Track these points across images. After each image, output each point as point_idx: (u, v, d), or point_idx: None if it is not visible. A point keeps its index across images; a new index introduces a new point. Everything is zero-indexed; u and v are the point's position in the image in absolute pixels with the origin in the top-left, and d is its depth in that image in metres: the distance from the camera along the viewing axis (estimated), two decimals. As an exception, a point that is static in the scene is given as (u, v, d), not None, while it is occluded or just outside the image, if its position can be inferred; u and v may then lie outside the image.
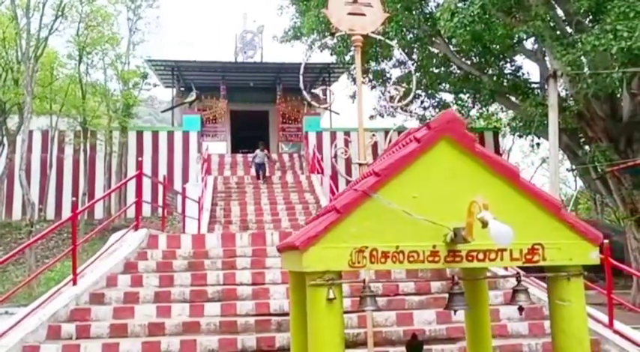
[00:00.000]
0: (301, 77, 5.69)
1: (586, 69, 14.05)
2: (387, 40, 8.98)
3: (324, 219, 2.46)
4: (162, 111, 26.82)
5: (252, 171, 19.42)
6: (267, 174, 19.35)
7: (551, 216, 2.65)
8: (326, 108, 24.44)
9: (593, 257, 2.67)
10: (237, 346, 6.35)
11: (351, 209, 2.49)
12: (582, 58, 12.98)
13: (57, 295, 7.19)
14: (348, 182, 5.57)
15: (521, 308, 2.75)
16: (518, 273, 2.64)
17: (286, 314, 6.84)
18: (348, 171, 20.59)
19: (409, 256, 2.50)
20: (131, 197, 17.90)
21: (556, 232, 2.66)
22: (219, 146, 23.99)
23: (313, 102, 8.68)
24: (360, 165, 4.84)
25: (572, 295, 2.66)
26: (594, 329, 6.57)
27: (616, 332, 6.47)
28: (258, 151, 19.21)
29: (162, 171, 21.02)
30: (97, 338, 6.47)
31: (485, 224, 2.24)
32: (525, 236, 2.62)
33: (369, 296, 2.47)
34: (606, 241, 6.38)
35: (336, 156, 16.69)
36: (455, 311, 2.71)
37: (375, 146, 10.53)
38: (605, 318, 6.72)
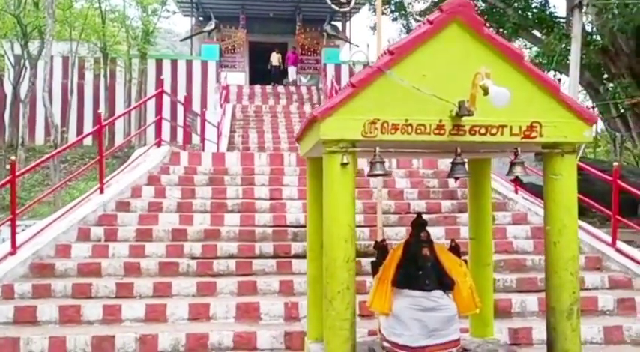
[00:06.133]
0: None
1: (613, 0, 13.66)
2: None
3: (341, 93, 2.68)
4: (182, 40, 26.71)
5: None
6: None
7: (550, 96, 2.83)
8: (345, 40, 24.12)
9: (586, 135, 2.88)
10: (255, 251, 6.73)
11: (366, 84, 2.69)
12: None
13: (85, 202, 7.59)
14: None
15: (516, 179, 2.96)
16: (516, 148, 2.85)
17: (302, 226, 7.18)
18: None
19: (417, 129, 2.72)
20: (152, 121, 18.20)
21: (554, 111, 2.85)
22: (237, 77, 24.02)
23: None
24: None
25: (564, 170, 2.88)
26: (597, 247, 6.83)
27: (618, 250, 6.71)
28: None
29: (181, 99, 21.24)
30: (124, 241, 6.90)
31: (486, 90, 2.43)
32: (525, 114, 2.83)
33: (379, 163, 2.71)
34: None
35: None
36: (456, 179, 2.94)
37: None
38: (608, 238, 6.95)
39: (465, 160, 3.00)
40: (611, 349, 5.29)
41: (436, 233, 7.21)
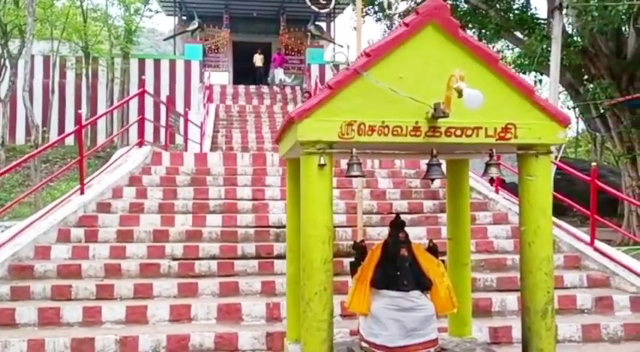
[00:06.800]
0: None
1: (593, 1, 13.83)
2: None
3: (318, 95, 2.69)
4: (165, 39, 26.57)
5: None
6: None
7: (525, 98, 2.88)
8: (329, 40, 24.17)
9: (560, 136, 2.92)
10: (238, 252, 6.70)
11: (343, 86, 2.71)
12: (590, -11, 12.78)
13: (66, 202, 7.50)
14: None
15: (492, 180, 3.00)
16: (491, 150, 2.89)
17: (284, 227, 7.10)
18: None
19: (393, 130, 2.74)
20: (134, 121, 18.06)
21: (528, 113, 2.90)
22: (221, 76, 23.93)
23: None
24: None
25: (538, 171, 2.93)
26: (576, 246, 6.91)
27: (596, 249, 6.80)
28: None
29: (164, 99, 21.10)
30: (105, 242, 6.83)
31: (460, 93, 2.46)
32: (500, 116, 2.87)
33: (356, 164, 2.73)
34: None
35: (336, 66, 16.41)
36: (432, 180, 2.97)
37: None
38: (587, 237, 7.04)
39: (442, 161, 3.03)
40: (589, 347, 5.36)
41: (418, 233, 7.25)
